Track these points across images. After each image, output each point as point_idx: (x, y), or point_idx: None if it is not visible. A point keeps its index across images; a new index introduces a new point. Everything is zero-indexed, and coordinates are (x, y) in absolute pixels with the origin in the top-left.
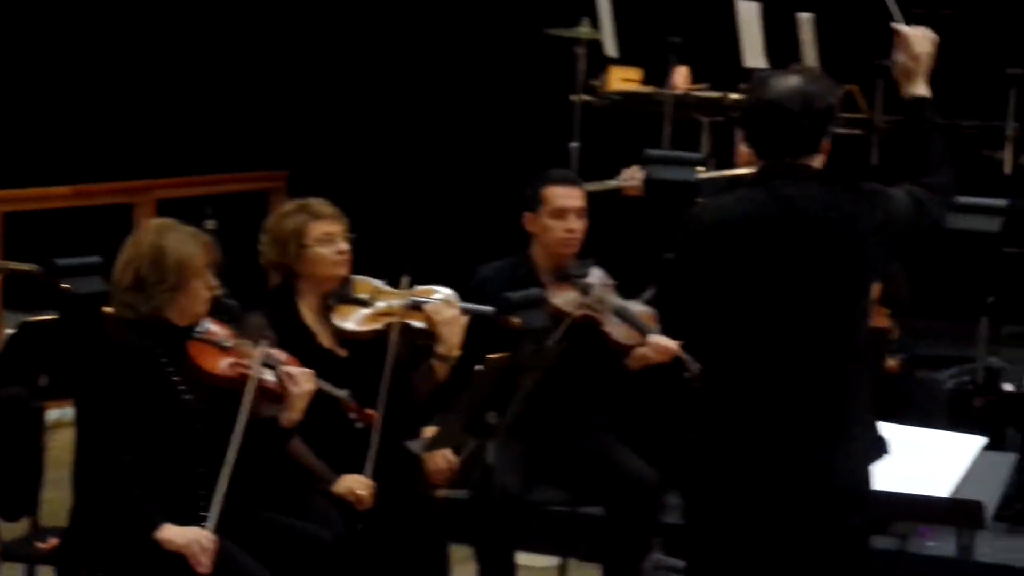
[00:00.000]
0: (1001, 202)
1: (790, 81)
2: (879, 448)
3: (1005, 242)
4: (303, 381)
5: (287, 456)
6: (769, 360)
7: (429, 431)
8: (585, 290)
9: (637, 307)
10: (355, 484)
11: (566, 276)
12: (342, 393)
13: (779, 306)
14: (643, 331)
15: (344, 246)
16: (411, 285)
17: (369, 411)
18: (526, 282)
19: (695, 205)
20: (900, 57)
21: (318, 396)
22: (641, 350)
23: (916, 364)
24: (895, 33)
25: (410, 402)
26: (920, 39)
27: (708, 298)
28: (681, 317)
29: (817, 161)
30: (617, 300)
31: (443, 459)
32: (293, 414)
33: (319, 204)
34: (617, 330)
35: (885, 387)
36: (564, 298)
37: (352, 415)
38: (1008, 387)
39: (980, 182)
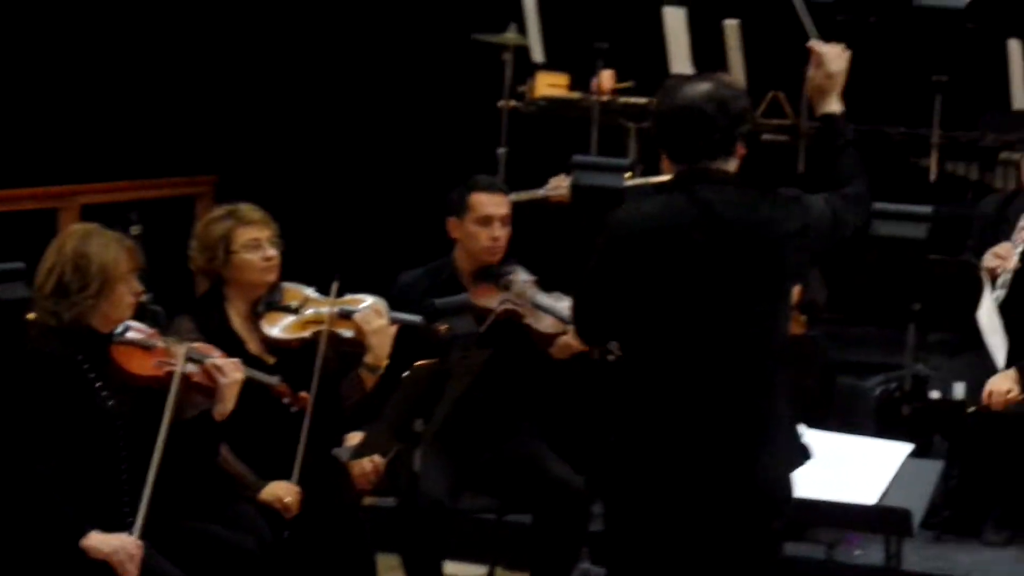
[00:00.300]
0: (927, 209)
1: (702, 85)
2: (802, 454)
3: (931, 249)
4: (231, 371)
5: (217, 459)
6: (690, 364)
7: (354, 438)
8: (506, 286)
9: (558, 299)
10: (282, 491)
11: (486, 276)
12: (272, 379)
13: (700, 309)
14: (565, 320)
15: (272, 252)
16: (340, 293)
17: (303, 394)
18: (448, 287)
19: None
20: (815, 75)
21: (250, 393)
22: (564, 338)
23: (842, 370)
24: (810, 51)
25: (338, 410)
26: (835, 57)
27: (629, 303)
28: (599, 322)
29: (732, 165)
30: (537, 293)
31: (369, 465)
32: (225, 405)
33: (247, 209)
34: (539, 322)
35: (810, 392)
36: (486, 297)
37: (286, 400)
38: (935, 394)
39: (906, 189)
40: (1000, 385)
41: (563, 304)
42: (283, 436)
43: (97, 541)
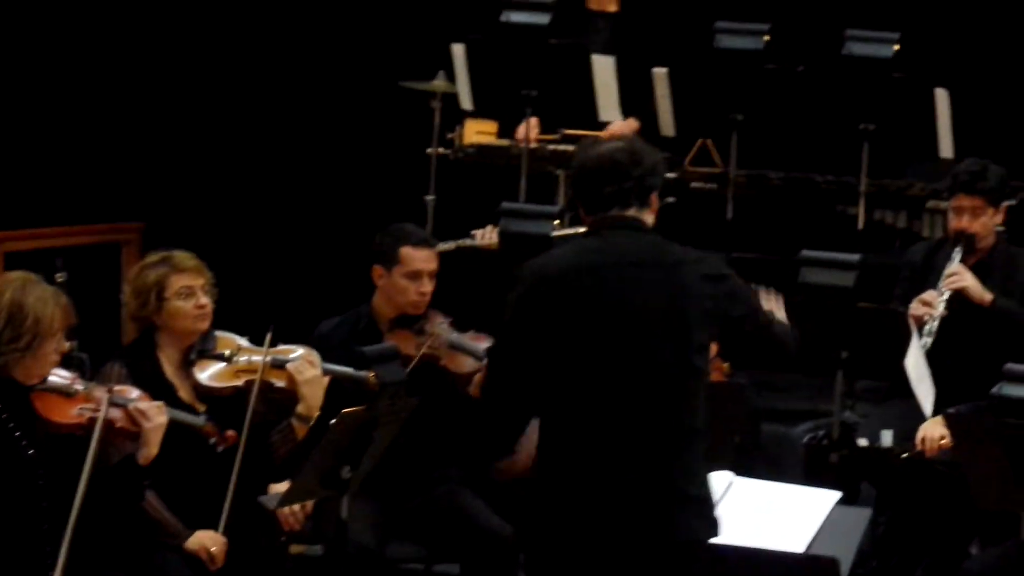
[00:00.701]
0: (855, 257)
1: (617, 142)
2: (714, 524)
3: (859, 297)
4: (155, 414)
5: (141, 504)
6: (608, 413)
7: (280, 486)
8: (421, 331)
9: (473, 338)
10: (208, 541)
11: (403, 323)
12: (199, 420)
13: (616, 355)
14: (479, 357)
15: (205, 301)
16: (274, 343)
17: (229, 432)
18: (367, 334)
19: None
20: None
21: (176, 437)
22: (479, 376)
23: (770, 418)
24: None
25: (267, 459)
26: None
27: (546, 351)
28: (518, 374)
29: (647, 216)
30: (452, 334)
31: (293, 513)
32: (149, 449)
33: (182, 257)
34: (456, 363)
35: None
36: (404, 343)
37: (212, 440)
38: (863, 442)
39: (834, 237)
40: (933, 431)
41: (480, 344)
42: (210, 483)
43: None
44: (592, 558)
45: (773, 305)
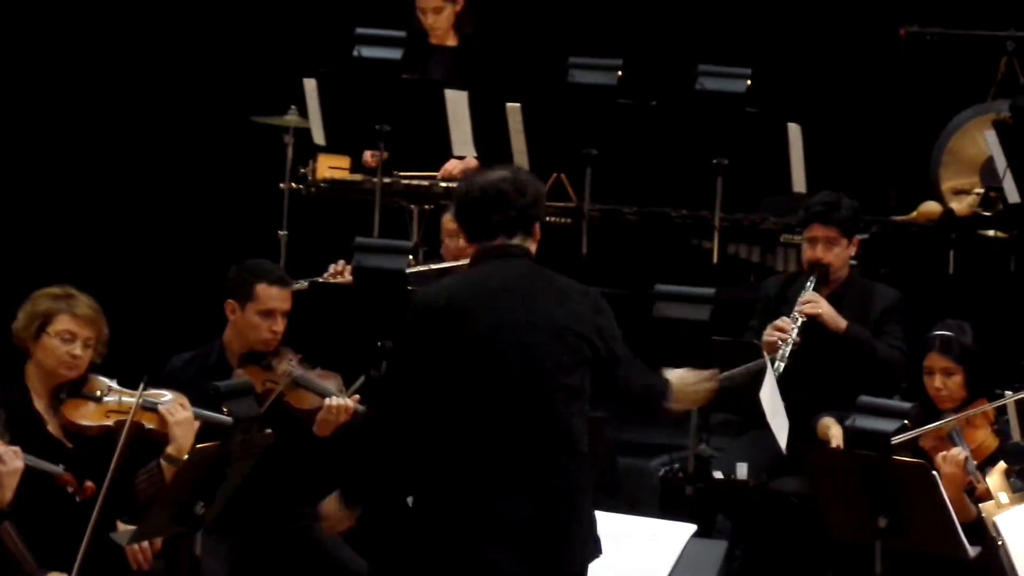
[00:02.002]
0: (709, 291)
1: (501, 171)
2: (597, 545)
3: (714, 330)
4: (10, 459)
5: None
6: (500, 442)
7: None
8: (268, 366)
9: (320, 376)
10: None
11: (252, 359)
12: (56, 469)
13: (502, 383)
14: (323, 394)
15: (79, 352)
16: (146, 386)
17: (88, 484)
18: (217, 370)
19: (411, 291)
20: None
21: (34, 479)
22: (321, 414)
23: (626, 451)
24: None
25: (130, 500)
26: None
27: (432, 381)
28: (407, 404)
29: (531, 244)
30: (297, 370)
31: (142, 550)
32: (3, 493)
33: (82, 302)
34: (300, 399)
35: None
36: (252, 379)
37: (69, 489)
38: (718, 474)
39: (689, 271)
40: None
41: (327, 382)
42: (68, 524)
43: None
44: None
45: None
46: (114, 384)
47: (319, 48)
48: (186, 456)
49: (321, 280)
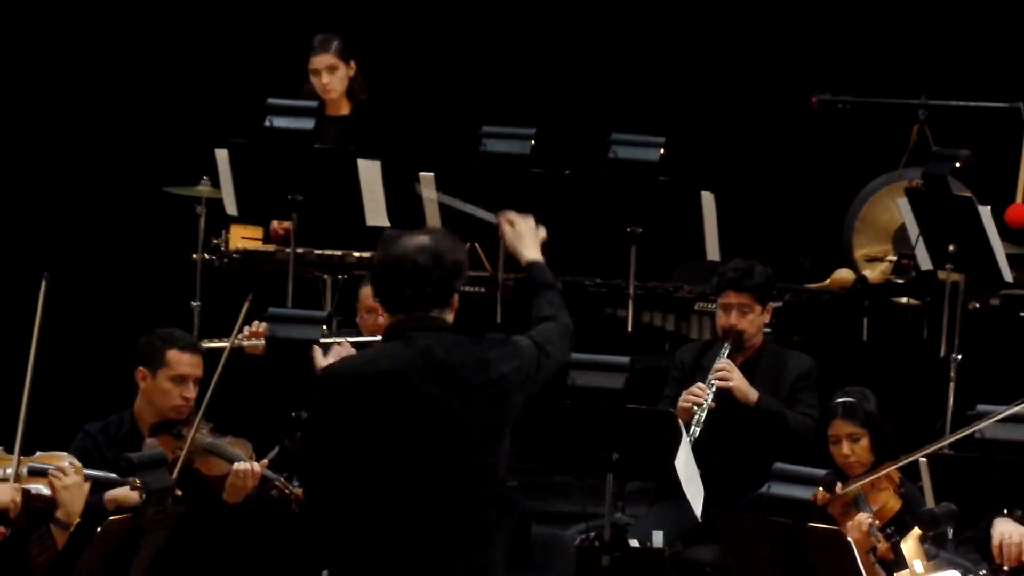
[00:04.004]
0: (624, 360)
1: (419, 239)
2: None
3: (629, 399)
4: None
5: None
6: (410, 506)
7: None
8: (179, 435)
9: (231, 443)
10: None
11: (162, 428)
12: None
13: (422, 450)
14: (231, 460)
15: None
16: (32, 451)
17: None
18: (128, 440)
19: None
20: (508, 231)
21: None
22: (230, 479)
23: (542, 520)
24: (500, 220)
25: (24, 570)
26: (519, 218)
27: (350, 452)
28: (323, 474)
29: (448, 315)
30: (208, 437)
31: None
32: None
33: None
34: (208, 465)
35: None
36: (164, 447)
37: None
38: (634, 543)
39: (603, 340)
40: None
41: (238, 449)
42: None
43: None
44: None
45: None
46: (2, 451)
47: (231, 119)
48: (76, 520)
49: (236, 343)
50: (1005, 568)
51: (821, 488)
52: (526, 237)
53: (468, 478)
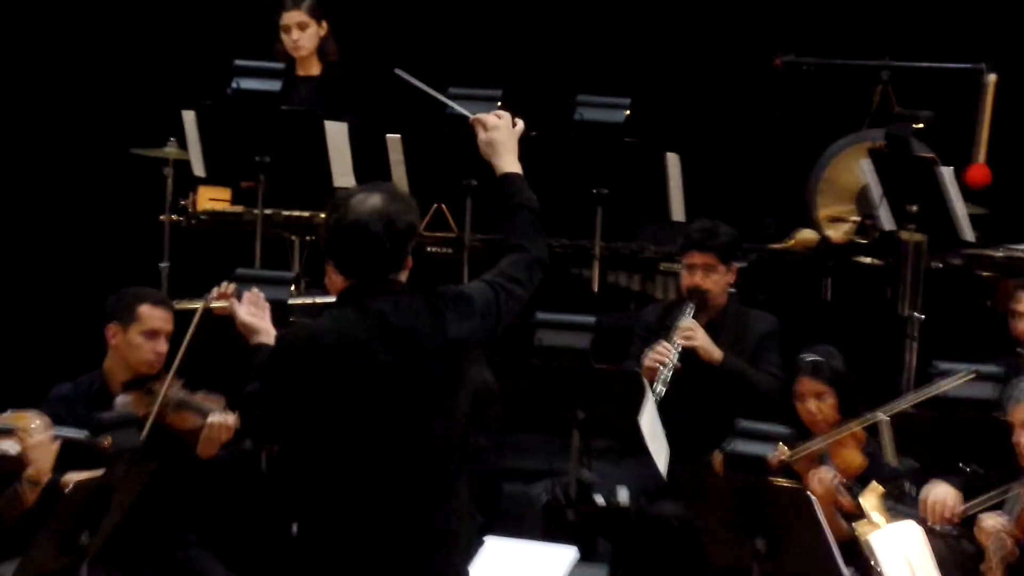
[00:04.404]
0: (590, 319)
1: (371, 201)
2: (478, 544)
3: (595, 358)
4: None
5: None
6: (381, 471)
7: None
8: (150, 391)
9: (204, 397)
10: None
11: (133, 385)
12: None
13: (381, 418)
14: (205, 413)
15: None
16: (3, 411)
17: None
18: (99, 398)
19: (289, 325)
20: (481, 139)
21: None
22: (204, 432)
23: (509, 477)
24: (473, 123)
25: None
26: (495, 121)
27: (306, 415)
28: (272, 432)
29: (402, 276)
30: (180, 392)
31: None
32: None
33: None
34: (181, 419)
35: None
36: (135, 406)
37: None
38: (599, 499)
39: (569, 300)
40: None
41: (210, 404)
42: None
43: None
44: None
45: None
46: None
47: (198, 80)
48: (45, 478)
49: (204, 304)
50: (931, 524)
51: (782, 443)
52: (501, 144)
53: (427, 436)
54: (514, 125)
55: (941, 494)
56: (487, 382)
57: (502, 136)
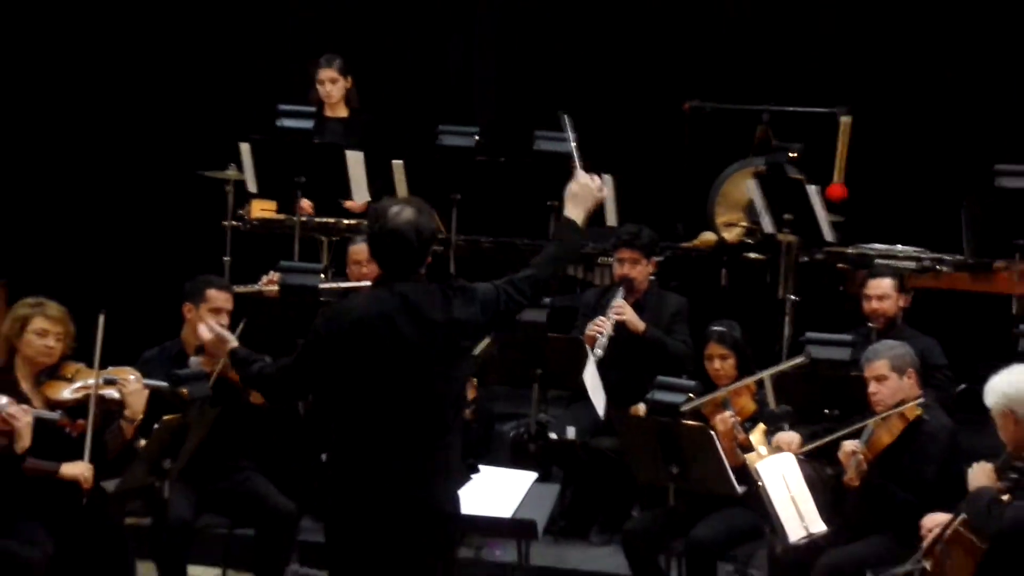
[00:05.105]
0: (547, 300)
1: (404, 214)
2: (466, 478)
3: (550, 329)
4: (22, 415)
5: (23, 466)
6: (391, 415)
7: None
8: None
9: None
10: (80, 468)
11: (203, 349)
12: (54, 415)
13: (400, 374)
14: None
15: (53, 344)
16: (105, 365)
17: (80, 422)
18: (179, 358)
19: (326, 303)
20: (574, 186)
21: (40, 429)
22: None
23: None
24: (579, 168)
25: (102, 452)
26: (589, 180)
27: (342, 372)
28: (299, 385)
29: (423, 269)
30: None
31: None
32: (23, 441)
33: (51, 307)
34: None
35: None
36: (206, 363)
37: (67, 429)
38: (553, 436)
39: None
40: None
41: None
42: (68, 453)
43: None
44: (372, 515)
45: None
46: (82, 367)
47: (250, 119)
48: (139, 418)
49: (257, 288)
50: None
51: (691, 394)
52: (581, 198)
53: (430, 390)
54: (600, 191)
55: (786, 438)
56: None
57: (584, 192)
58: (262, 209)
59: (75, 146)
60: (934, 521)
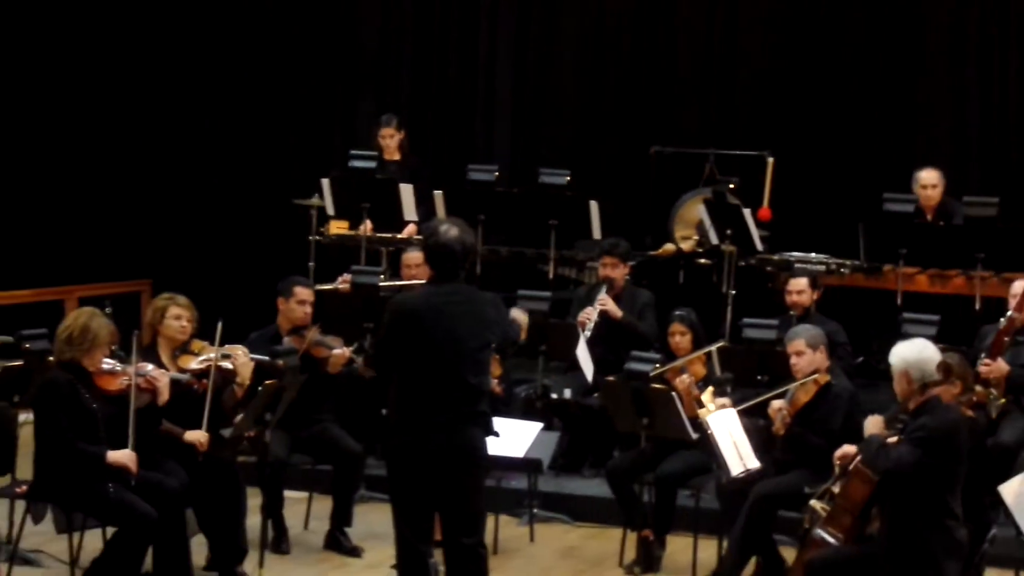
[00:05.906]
0: (548, 294)
1: (452, 232)
2: (492, 432)
3: (552, 316)
4: (162, 376)
5: (159, 427)
6: (439, 380)
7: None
8: (301, 334)
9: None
10: (198, 435)
11: (294, 332)
12: (185, 376)
13: (447, 348)
14: (331, 348)
15: (186, 325)
16: (223, 343)
17: (204, 382)
18: (275, 338)
19: (387, 297)
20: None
21: (174, 384)
22: (332, 359)
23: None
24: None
25: (220, 408)
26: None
27: (406, 347)
28: (389, 359)
29: (463, 273)
30: (318, 336)
31: (203, 437)
32: (163, 396)
33: (181, 299)
34: (319, 351)
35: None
36: (296, 343)
37: (194, 387)
38: (554, 396)
39: (536, 283)
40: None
41: (335, 342)
42: (194, 416)
43: (113, 456)
44: (423, 454)
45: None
46: (207, 344)
47: (329, 160)
48: (247, 383)
49: (333, 286)
50: (774, 424)
51: (657, 364)
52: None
53: (469, 362)
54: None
55: (778, 404)
56: None
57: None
58: (338, 228)
59: (208, 182)
60: (844, 452)
